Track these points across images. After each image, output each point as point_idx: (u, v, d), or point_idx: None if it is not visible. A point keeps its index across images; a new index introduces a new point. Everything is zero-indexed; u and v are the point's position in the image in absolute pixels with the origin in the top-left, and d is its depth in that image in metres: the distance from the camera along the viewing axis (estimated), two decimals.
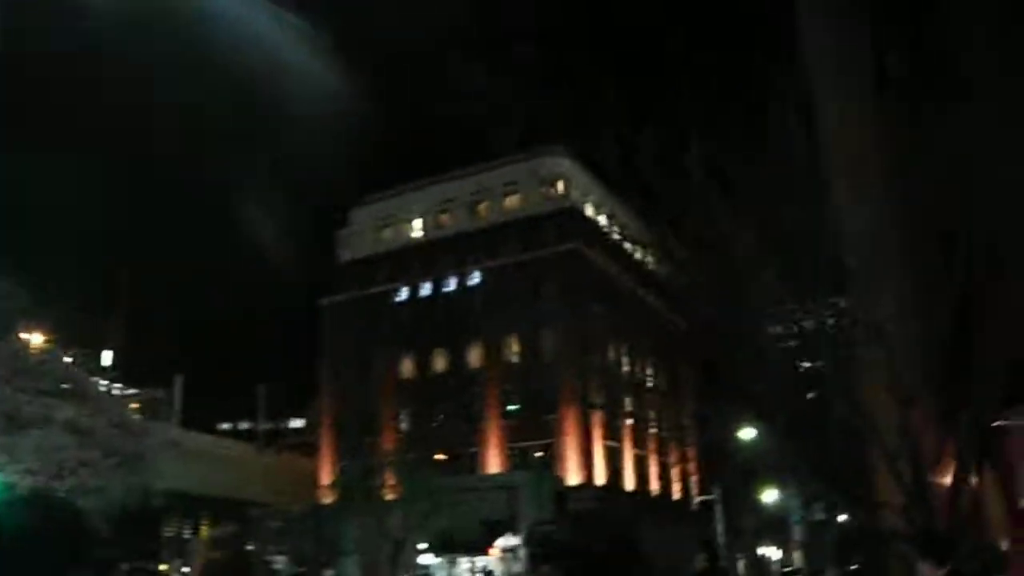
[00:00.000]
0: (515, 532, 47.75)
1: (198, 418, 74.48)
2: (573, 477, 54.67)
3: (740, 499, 69.70)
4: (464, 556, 47.45)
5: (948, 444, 9.65)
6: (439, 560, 48.26)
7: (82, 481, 33.55)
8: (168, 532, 62.20)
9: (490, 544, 45.73)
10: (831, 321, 10.40)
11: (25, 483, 31.66)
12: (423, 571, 47.34)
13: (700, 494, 70.89)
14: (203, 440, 68.39)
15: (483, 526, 44.11)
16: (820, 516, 49.88)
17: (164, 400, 70.08)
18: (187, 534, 64.31)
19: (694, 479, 72.71)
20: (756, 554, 72.96)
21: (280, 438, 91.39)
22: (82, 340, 36.54)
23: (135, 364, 36.24)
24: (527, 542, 40.03)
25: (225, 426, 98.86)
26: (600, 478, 56.61)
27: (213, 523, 63.40)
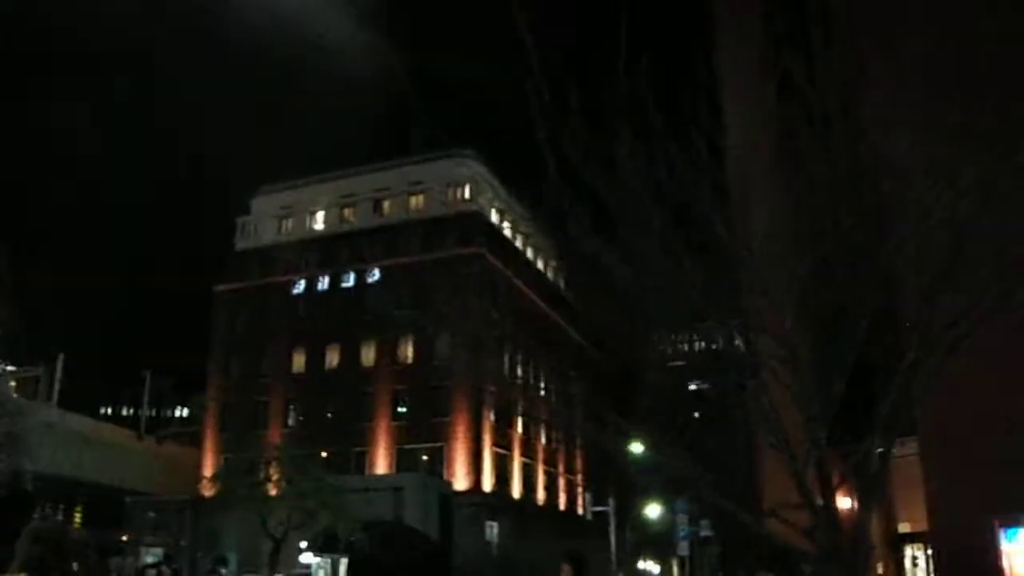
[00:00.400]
0: None
1: (79, 401, 72.20)
2: (461, 482, 54.33)
3: (625, 513, 70.44)
4: (344, 557, 46.61)
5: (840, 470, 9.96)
6: (319, 559, 47.34)
7: None
8: (36, 517, 59.83)
9: None
10: (736, 339, 10.47)
11: None
12: (303, 570, 46.33)
13: (584, 506, 71.43)
14: (82, 423, 66.21)
15: (365, 527, 43.36)
16: (706, 532, 50.50)
17: (43, 379, 67.59)
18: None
19: (579, 491, 73.09)
20: (635, 568, 73.69)
21: (163, 427, 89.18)
22: None
23: (13, 340, 34.65)
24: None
25: (107, 412, 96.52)
26: (487, 484, 56.33)
27: (86, 510, 61.62)
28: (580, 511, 71.95)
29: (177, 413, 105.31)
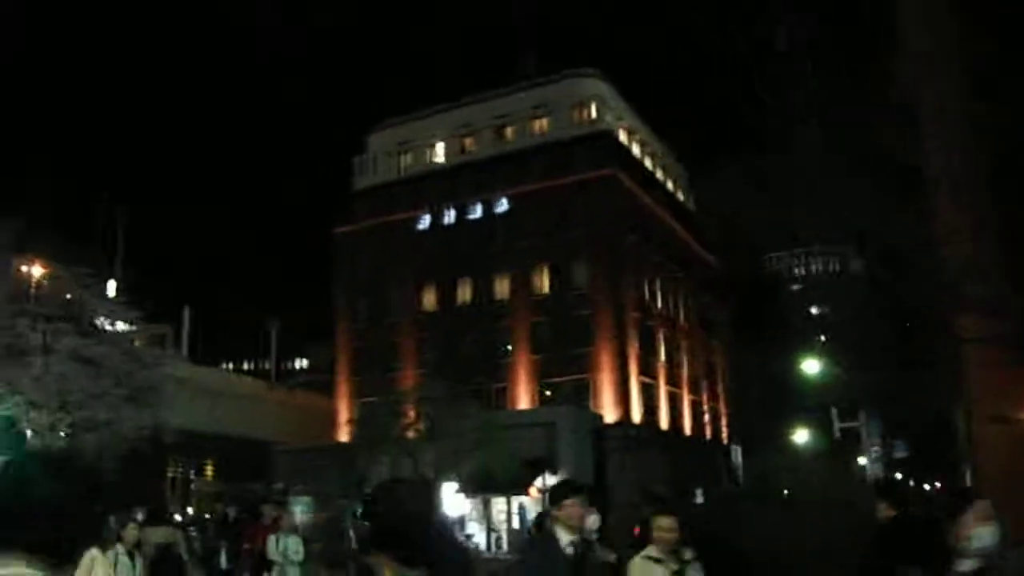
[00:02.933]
0: (555, 471, 44.82)
1: (205, 355, 71.56)
2: (609, 414, 51.62)
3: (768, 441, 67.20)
4: (499, 496, 44.41)
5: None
6: (471, 501, 45.24)
7: (90, 414, 30.39)
8: (170, 473, 59.20)
9: (529, 484, 42.67)
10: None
11: (29, 417, 28.42)
12: (455, 515, 44.29)
13: (728, 437, 68.48)
14: (213, 375, 65.47)
15: (522, 465, 40.94)
16: (901, 453, 47.07)
17: (170, 335, 66.79)
18: (192, 475, 61.43)
19: (723, 419, 70.10)
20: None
21: (291, 376, 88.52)
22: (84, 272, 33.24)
23: (140, 297, 33.32)
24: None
25: (229, 365, 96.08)
26: (636, 416, 53.56)
27: (224, 463, 60.62)
28: (724, 440, 69.09)
29: (304, 363, 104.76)
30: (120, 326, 35.52)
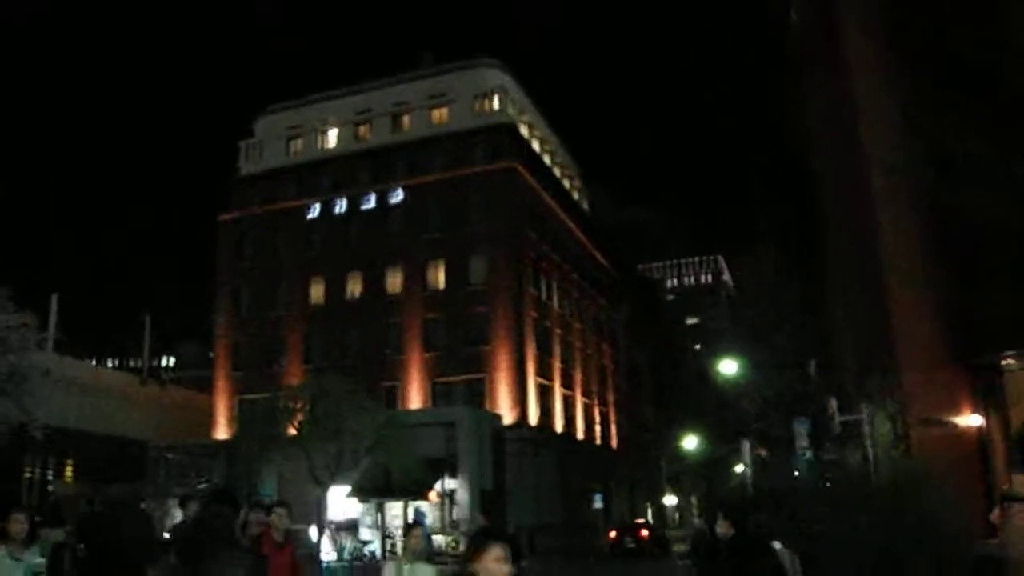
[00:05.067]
0: (454, 474, 42.75)
1: (71, 348, 67.21)
2: (506, 416, 49.70)
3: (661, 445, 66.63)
4: (396, 501, 42.00)
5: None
6: (365, 506, 42.77)
7: None
8: (27, 473, 54.83)
9: (428, 487, 40.47)
10: None
11: None
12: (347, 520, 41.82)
13: (620, 439, 67.55)
14: (81, 368, 61.13)
15: (425, 467, 38.67)
16: (832, 456, 46.12)
17: (33, 324, 62.20)
18: (50, 476, 57.15)
19: (611, 422, 69.14)
20: (661, 502, 70.11)
21: (160, 374, 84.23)
22: None
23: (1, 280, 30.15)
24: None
25: (93, 361, 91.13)
26: (533, 418, 51.82)
27: (83, 464, 56.54)
28: (613, 444, 68.14)
29: (172, 361, 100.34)
30: None
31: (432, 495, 41.10)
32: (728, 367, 37.39)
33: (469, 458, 42.72)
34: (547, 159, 64.47)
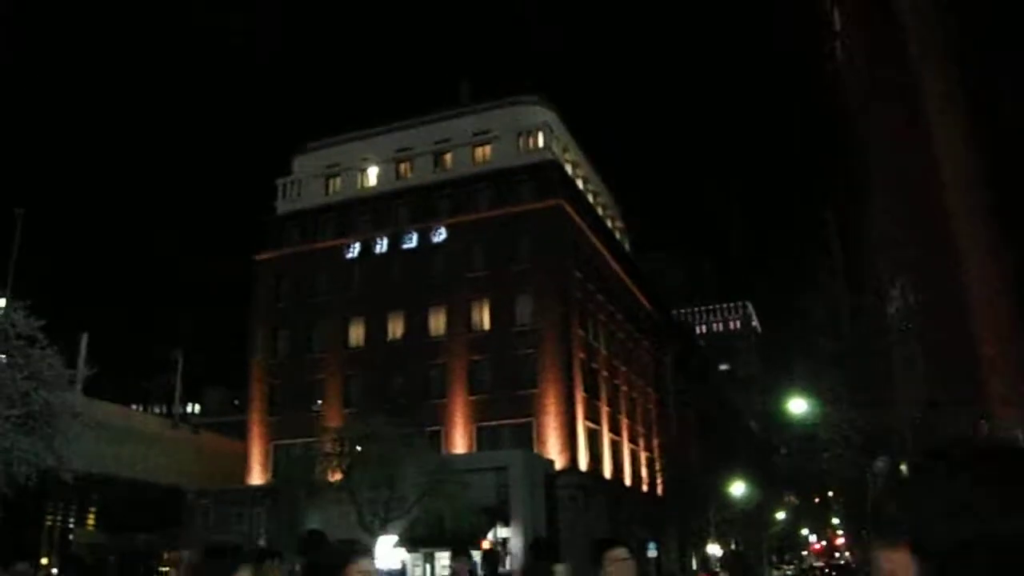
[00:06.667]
0: (507, 522, 40.74)
1: (97, 389, 65.70)
2: (555, 461, 47.74)
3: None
4: (445, 551, 40.01)
5: None
6: (412, 556, 40.76)
7: None
8: (48, 521, 52.96)
9: (481, 536, 38.51)
10: None
11: None
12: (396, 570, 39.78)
13: (667, 486, 65.42)
14: (110, 410, 59.59)
15: (476, 514, 36.76)
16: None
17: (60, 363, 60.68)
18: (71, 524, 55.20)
19: (658, 469, 66.92)
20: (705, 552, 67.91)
21: (198, 416, 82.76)
22: None
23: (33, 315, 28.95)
24: None
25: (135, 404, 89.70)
26: (583, 462, 49.82)
27: (106, 511, 54.68)
28: (659, 491, 65.91)
29: (196, 408, 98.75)
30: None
31: (485, 544, 39.11)
32: (797, 406, 35.52)
33: (522, 505, 40.78)
34: (591, 198, 62.98)
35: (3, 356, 28.07)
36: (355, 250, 56.64)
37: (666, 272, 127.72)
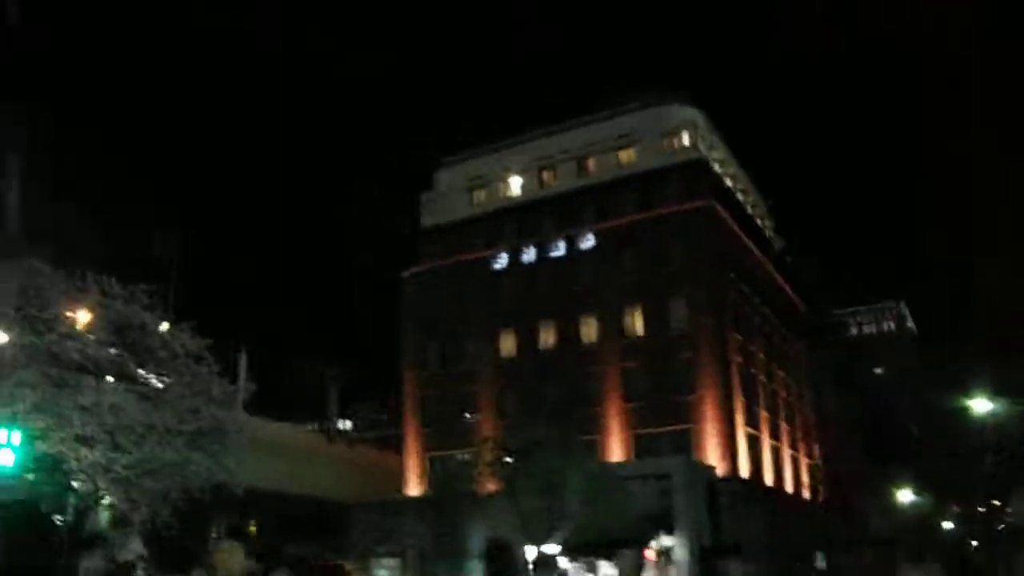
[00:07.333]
0: (670, 530, 39.70)
1: (256, 404, 67.06)
2: (717, 468, 46.46)
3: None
4: (605, 559, 39.32)
5: None
6: (574, 565, 40.05)
7: (149, 454, 25.58)
8: (213, 534, 54.04)
9: (644, 545, 37.63)
10: None
11: (78, 455, 23.51)
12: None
13: (829, 493, 63.24)
14: (268, 426, 60.83)
15: (639, 522, 35.93)
16: None
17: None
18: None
19: (819, 475, 64.73)
20: None
21: (354, 431, 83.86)
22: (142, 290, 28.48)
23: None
24: None
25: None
26: (744, 470, 48.40)
27: (265, 523, 55.54)
28: (820, 498, 63.73)
29: (347, 424, 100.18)
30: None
31: (649, 554, 38.21)
32: (981, 405, 33.44)
33: (686, 513, 39.70)
34: (739, 196, 61.43)
35: (165, 376, 28.46)
36: (503, 261, 56.47)
37: (815, 271, 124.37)
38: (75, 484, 24.35)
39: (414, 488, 54.98)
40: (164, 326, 31.41)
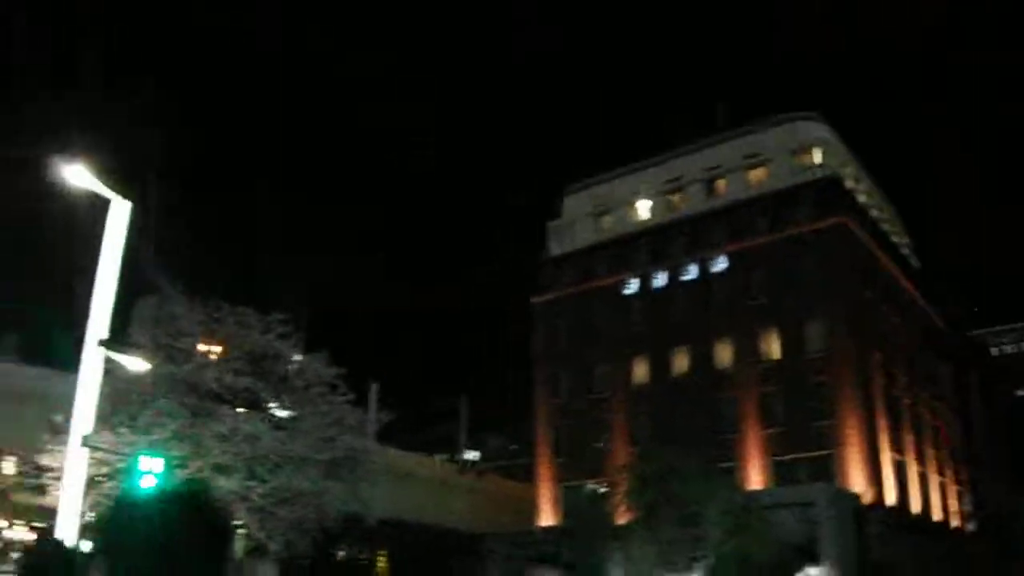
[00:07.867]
0: (816, 561, 38.25)
1: (386, 435, 67.45)
2: (863, 495, 44.69)
3: None
4: None
5: None
6: None
7: (285, 483, 25.72)
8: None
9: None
10: None
11: (216, 484, 23.67)
12: None
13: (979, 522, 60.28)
14: (399, 457, 61.16)
15: (786, 551, 34.70)
16: None
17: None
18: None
19: (969, 504, 61.76)
20: None
21: (482, 461, 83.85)
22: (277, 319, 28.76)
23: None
24: None
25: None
26: (890, 497, 46.48)
27: (398, 550, 55.44)
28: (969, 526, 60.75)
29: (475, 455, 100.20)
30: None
31: None
32: None
33: (832, 543, 38.22)
34: (874, 213, 59.48)
35: (298, 406, 28.68)
36: (633, 286, 55.83)
37: (955, 289, 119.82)
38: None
39: (548, 518, 54.46)
40: (298, 356, 31.83)
